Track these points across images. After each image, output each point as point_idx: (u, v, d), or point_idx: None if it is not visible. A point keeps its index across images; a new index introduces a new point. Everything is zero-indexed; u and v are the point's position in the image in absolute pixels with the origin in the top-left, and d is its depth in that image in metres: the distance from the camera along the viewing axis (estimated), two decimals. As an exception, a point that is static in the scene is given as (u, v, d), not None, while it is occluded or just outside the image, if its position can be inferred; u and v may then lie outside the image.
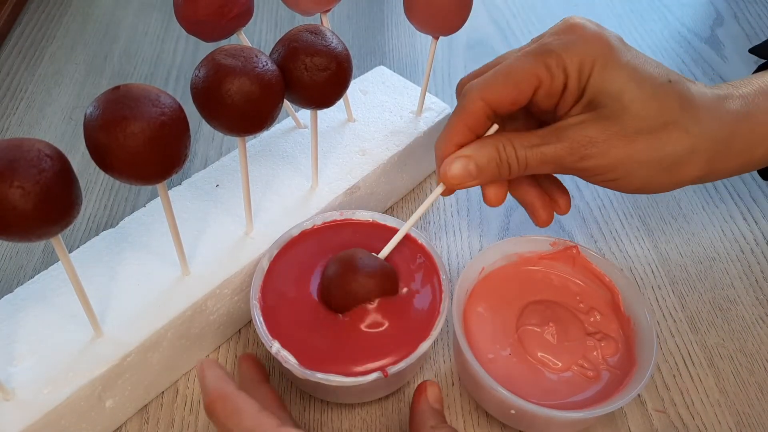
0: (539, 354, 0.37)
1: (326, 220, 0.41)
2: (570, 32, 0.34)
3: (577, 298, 0.40)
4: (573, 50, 0.34)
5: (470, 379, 0.37)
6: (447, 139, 0.36)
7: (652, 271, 0.46)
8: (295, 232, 0.40)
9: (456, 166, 0.35)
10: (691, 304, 0.44)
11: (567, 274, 0.41)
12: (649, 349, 0.36)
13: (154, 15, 0.69)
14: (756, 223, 0.49)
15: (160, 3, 0.71)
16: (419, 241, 0.40)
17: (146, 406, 0.38)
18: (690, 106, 0.34)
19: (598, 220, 0.49)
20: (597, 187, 0.51)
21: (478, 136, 0.36)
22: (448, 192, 0.37)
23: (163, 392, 0.39)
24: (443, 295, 0.38)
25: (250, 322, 0.43)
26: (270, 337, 0.35)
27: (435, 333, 0.36)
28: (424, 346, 0.35)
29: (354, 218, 0.41)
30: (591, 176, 0.36)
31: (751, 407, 0.39)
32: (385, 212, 0.49)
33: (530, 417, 0.35)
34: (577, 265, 0.41)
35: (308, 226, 0.40)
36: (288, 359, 0.34)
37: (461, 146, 0.36)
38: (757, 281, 0.45)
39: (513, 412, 0.35)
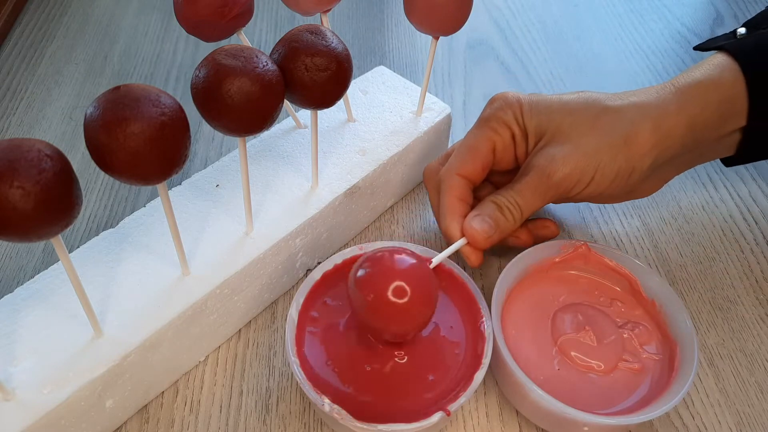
0: (585, 361, 0.37)
1: (345, 257, 0.40)
2: (494, 101, 0.42)
3: (596, 292, 0.41)
4: (503, 109, 0.41)
5: (532, 406, 0.36)
6: (450, 215, 0.40)
7: (652, 271, 0.46)
8: (317, 276, 0.39)
9: (476, 222, 0.39)
10: (691, 304, 0.44)
11: (580, 272, 0.42)
12: (683, 323, 0.37)
13: (154, 15, 0.69)
14: (756, 223, 0.49)
15: (160, 3, 0.71)
16: (446, 266, 0.39)
17: (146, 406, 0.38)
18: (606, 99, 0.40)
19: (598, 220, 0.49)
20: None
21: (471, 206, 0.41)
22: (476, 259, 0.39)
23: (163, 392, 0.39)
24: (484, 318, 0.37)
25: (250, 323, 0.43)
26: (319, 395, 0.34)
27: (486, 361, 0.35)
28: (479, 376, 0.34)
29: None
30: (575, 192, 0.40)
31: (751, 407, 0.39)
32: (385, 212, 0.49)
33: (606, 429, 0.35)
34: (590, 261, 0.41)
35: (329, 267, 0.39)
36: (343, 415, 0.33)
37: (464, 217, 0.40)
38: (757, 281, 0.45)
39: (586, 429, 0.35)
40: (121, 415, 0.37)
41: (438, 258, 0.37)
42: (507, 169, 0.43)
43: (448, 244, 0.39)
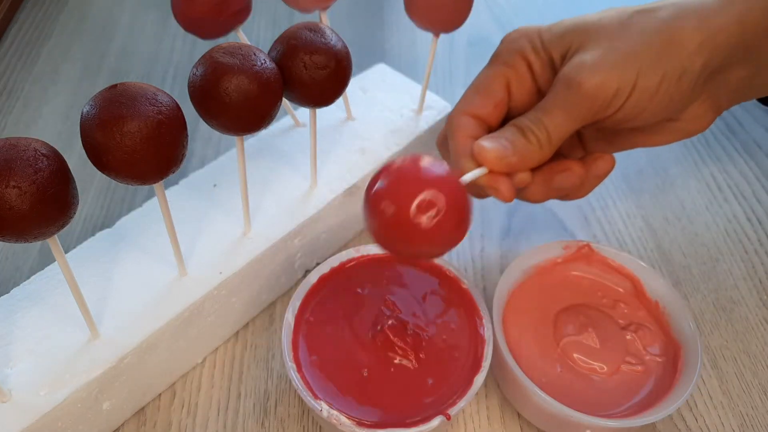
0: (588, 362, 0.36)
1: (342, 260, 0.39)
2: (508, 35, 0.37)
3: (599, 293, 0.40)
4: (517, 40, 0.36)
5: (534, 409, 0.36)
6: (463, 155, 0.34)
7: (655, 272, 0.46)
8: (314, 279, 0.38)
9: (487, 141, 0.32)
10: (694, 305, 0.44)
11: (583, 272, 0.41)
12: (686, 325, 0.37)
13: (151, 13, 0.68)
14: (760, 223, 0.49)
15: (158, 0, 0.70)
16: (443, 268, 0.39)
17: (143, 408, 0.38)
18: (636, 6, 0.34)
19: (601, 221, 0.49)
20: (598, 186, 0.51)
21: None
22: (505, 188, 0.33)
23: (160, 394, 0.39)
24: (484, 321, 0.36)
25: (247, 324, 0.42)
26: (315, 400, 0.33)
27: (486, 364, 0.34)
28: (479, 380, 0.34)
29: (371, 254, 0.40)
30: (614, 107, 0.33)
31: (754, 409, 0.39)
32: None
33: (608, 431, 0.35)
34: (593, 262, 0.41)
35: (325, 270, 0.39)
36: (341, 420, 0.32)
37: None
38: (761, 282, 0.45)
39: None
40: (118, 418, 0.37)
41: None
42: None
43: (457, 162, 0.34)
